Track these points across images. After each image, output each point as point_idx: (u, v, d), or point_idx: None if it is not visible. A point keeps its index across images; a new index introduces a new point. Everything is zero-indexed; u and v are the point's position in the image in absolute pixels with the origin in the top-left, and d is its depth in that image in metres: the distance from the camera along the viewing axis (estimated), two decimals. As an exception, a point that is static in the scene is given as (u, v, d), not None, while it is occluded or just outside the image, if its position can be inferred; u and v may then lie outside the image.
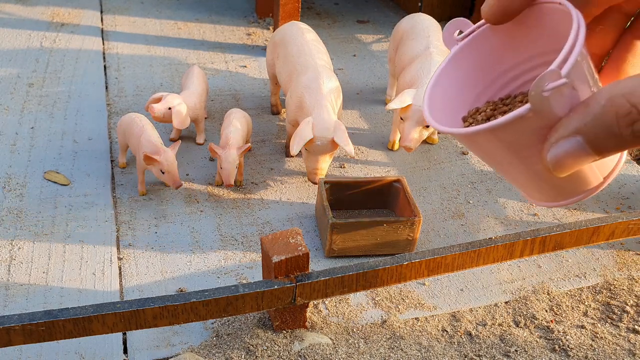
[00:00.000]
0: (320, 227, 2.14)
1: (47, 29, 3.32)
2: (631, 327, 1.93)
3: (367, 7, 3.82)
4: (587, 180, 0.51)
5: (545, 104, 0.43)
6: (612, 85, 0.42)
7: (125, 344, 1.79)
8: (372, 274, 1.63)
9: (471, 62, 0.57)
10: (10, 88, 2.85)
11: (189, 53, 3.20)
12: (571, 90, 0.44)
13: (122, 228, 2.16)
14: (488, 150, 0.51)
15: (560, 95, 0.43)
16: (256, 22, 3.53)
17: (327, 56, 2.48)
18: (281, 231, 1.69)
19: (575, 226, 1.78)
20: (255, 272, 2.02)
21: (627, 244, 2.24)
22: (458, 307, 1.97)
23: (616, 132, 0.41)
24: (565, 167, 0.45)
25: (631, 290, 2.05)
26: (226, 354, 1.75)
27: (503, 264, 2.12)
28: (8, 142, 2.53)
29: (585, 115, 0.43)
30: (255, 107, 2.81)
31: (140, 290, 1.94)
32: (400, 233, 2.03)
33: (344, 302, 1.95)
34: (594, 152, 0.43)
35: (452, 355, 1.81)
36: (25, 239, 2.08)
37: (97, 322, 1.45)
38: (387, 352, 1.80)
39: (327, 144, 2.16)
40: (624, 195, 2.47)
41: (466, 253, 1.69)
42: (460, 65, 0.57)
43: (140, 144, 2.17)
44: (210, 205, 2.28)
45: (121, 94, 2.87)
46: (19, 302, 1.87)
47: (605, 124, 0.42)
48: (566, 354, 1.83)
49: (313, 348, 1.76)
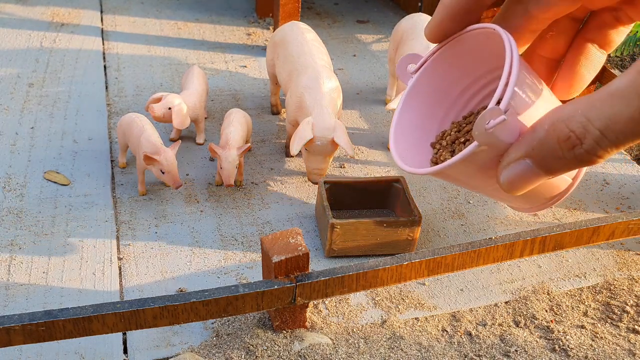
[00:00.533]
0: (320, 227, 2.14)
1: (47, 29, 3.32)
2: (631, 327, 1.93)
3: (367, 7, 3.82)
4: (555, 186, 0.54)
5: (491, 139, 0.46)
6: (555, 110, 0.45)
7: (125, 344, 1.79)
8: (372, 274, 1.63)
9: (430, 88, 0.60)
10: (10, 88, 2.85)
11: (189, 53, 3.20)
12: (515, 118, 0.47)
13: (122, 228, 2.16)
14: (455, 178, 0.54)
15: (504, 126, 0.46)
16: (256, 22, 3.53)
17: (327, 56, 2.48)
18: (281, 231, 1.69)
19: (575, 226, 1.78)
20: (255, 272, 2.02)
21: (627, 244, 2.24)
22: (458, 307, 1.97)
23: (560, 155, 0.44)
24: (518, 187, 0.48)
25: (631, 290, 2.05)
26: (226, 354, 1.75)
27: (503, 264, 2.12)
28: (8, 142, 2.53)
29: (532, 140, 0.46)
30: (255, 107, 2.81)
31: (140, 290, 1.94)
32: (400, 233, 2.03)
33: (344, 302, 1.95)
34: (544, 173, 0.46)
35: (452, 355, 1.81)
36: (25, 239, 2.08)
37: (97, 322, 1.45)
38: (387, 352, 1.80)
39: (327, 144, 2.16)
40: (624, 195, 2.47)
41: (466, 253, 1.69)
42: (420, 95, 0.60)
43: (140, 144, 2.17)
44: (210, 205, 2.28)
45: (121, 94, 2.87)
46: (19, 302, 1.88)
47: (549, 148, 0.44)
48: (566, 354, 1.83)
49: (313, 348, 1.76)
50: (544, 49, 0.57)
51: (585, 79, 0.56)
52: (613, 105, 0.41)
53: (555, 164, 0.45)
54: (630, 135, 0.41)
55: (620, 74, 0.42)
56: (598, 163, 0.44)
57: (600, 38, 0.55)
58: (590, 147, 0.43)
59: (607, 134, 0.41)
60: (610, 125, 0.41)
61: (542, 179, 0.47)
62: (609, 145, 0.42)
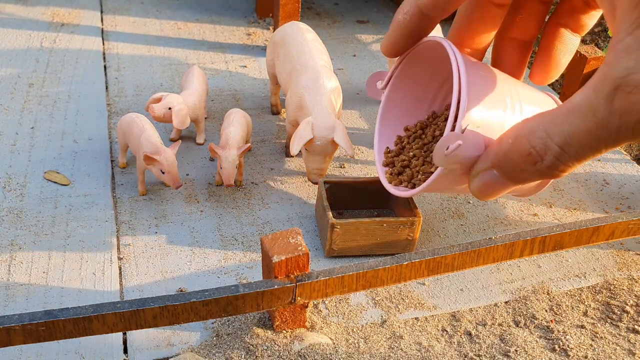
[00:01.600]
0: (320, 227, 2.14)
1: (47, 29, 3.32)
2: (631, 327, 1.93)
3: (367, 7, 3.82)
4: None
5: (453, 160, 0.49)
6: (520, 124, 0.46)
7: (125, 343, 1.79)
8: (372, 274, 1.63)
9: (402, 101, 0.62)
10: (10, 88, 2.85)
11: (189, 53, 3.20)
12: (475, 133, 0.48)
13: (122, 228, 2.16)
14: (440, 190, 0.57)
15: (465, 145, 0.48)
16: (256, 22, 3.53)
17: (327, 56, 2.48)
18: (281, 231, 1.69)
19: (575, 226, 1.78)
20: (255, 272, 2.02)
21: (627, 244, 2.24)
22: (458, 307, 1.97)
23: (524, 168, 0.46)
24: (489, 196, 0.50)
25: (631, 290, 2.05)
26: (226, 353, 1.75)
27: (503, 264, 2.12)
28: (8, 142, 2.53)
29: (497, 152, 0.48)
30: (255, 107, 2.82)
31: (140, 290, 1.94)
32: (400, 233, 2.03)
33: (344, 302, 1.96)
34: (511, 182, 0.48)
35: (452, 355, 1.81)
36: (25, 238, 2.09)
37: (97, 322, 1.45)
38: (387, 352, 1.80)
39: (327, 144, 2.16)
40: (624, 195, 2.47)
41: (466, 253, 1.69)
42: (394, 109, 0.62)
43: (140, 144, 2.17)
44: (210, 205, 2.28)
45: (121, 94, 2.87)
46: (19, 302, 1.88)
47: (513, 162, 0.46)
48: (566, 354, 1.83)
49: (313, 348, 1.77)
50: (514, 31, 0.58)
51: (561, 63, 0.57)
52: (571, 121, 0.42)
53: (521, 176, 0.47)
54: (589, 150, 0.42)
55: (578, 91, 0.43)
56: (562, 176, 0.46)
57: (572, 23, 0.56)
58: (550, 162, 0.44)
59: (567, 149, 0.43)
60: (568, 141, 0.42)
61: (510, 187, 0.49)
62: (570, 160, 0.43)
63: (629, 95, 0.39)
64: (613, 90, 0.39)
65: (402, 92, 0.61)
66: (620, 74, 0.39)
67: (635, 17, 0.39)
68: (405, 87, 0.60)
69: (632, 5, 0.39)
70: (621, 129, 0.40)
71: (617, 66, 0.39)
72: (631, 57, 0.39)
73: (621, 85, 0.39)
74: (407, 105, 0.62)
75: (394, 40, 0.56)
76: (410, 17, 0.54)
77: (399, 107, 0.61)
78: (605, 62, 0.41)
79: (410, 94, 0.61)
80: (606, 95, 0.39)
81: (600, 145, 0.42)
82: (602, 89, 0.40)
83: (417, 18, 0.54)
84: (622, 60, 0.39)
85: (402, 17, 0.55)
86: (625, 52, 0.39)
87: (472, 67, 0.51)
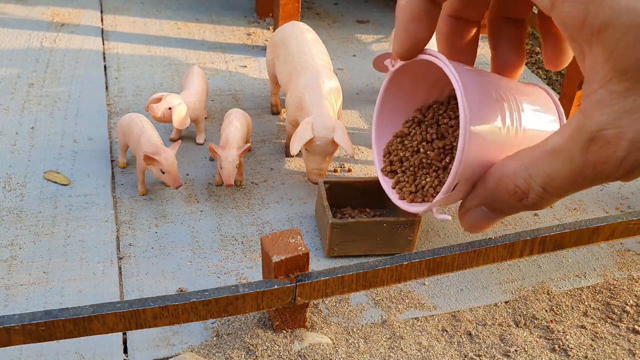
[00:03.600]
0: (320, 227, 2.14)
1: (47, 29, 3.32)
2: (631, 327, 1.93)
3: (367, 7, 3.82)
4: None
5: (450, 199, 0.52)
6: (501, 164, 0.49)
7: (125, 343, 1.79)
8: (372, 274, 1.63)
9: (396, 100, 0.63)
10: (10, 88, 2.85)
11: (189, 53, 3.20)
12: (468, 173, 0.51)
13: (122, 228, 2.16)
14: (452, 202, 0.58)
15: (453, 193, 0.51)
16: (256, 22, 3.53)
17: (327, 56, 2.48)
18: (281, 231, 1.69)
19: (575, 226, 1.78)
20: (255, 272, 2.02)
21: (627, 244, 2.24)
22: (458, 307, 1.97)
23: (510, 204, 0.48)
24: (479, 229, 0.53)
25: (631, 290, 2.05)
26: (226, 353, 1.75)
27: (503, 264, 2.12)
28: (8, 142, 2.53)
29: (484, 190, 0.50)
30: (255, 107, 2.81)
31: (140, 290, 1.94)
32: (400, 233, 2.03)
33: (344, 302, 1.95)
34: (500, 215, 0.51)
35: (452, 355, 1.81)
36: (25, 239, 2.09)
37: (97, 322, 1.45)
38: (387, 352, 1.80)
39: (327, 144, 2.16)
40: (624, 195, 2.47)
41: (466, 253, 1.69)
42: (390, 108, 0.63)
43: (140, 144, 2.17)
44: (210, 205, 2.28)
45: (121, 94, 2.87)
46: (19, 302, 1.88)
47: (499, 198, 0.49)
48: (566, 354, 1.83)
49: (313, 348, 1.77)
50: (507, 11, 0.58)
51: (569, 51, 0.58)
52: (551, 163, 0.44)
53: (508, 210, 0.50)
54: (571, 189, 0.44)
55: (557, 131, 0.44)
56: (547, 207, 0.48)
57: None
58: (535, 200, 0.46)
59: (548, 189, 0.45)
60: (549, 182, 0.44)
61: (499, 220, 0.52)
62: (552, 198, 0.45)
63: (601, 149, 0.40)
64: (587, 141, 0.41)
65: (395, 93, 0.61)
66: (594, 128, 0.40)
67: (607, 70, 0.39)
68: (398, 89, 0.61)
69: (603, 58, 0.39)
70: (595, 179, 0.42)
71: (591, 120, 0.40)
72: (603, 111, 0.40)
73: (594, 138, 0.40)
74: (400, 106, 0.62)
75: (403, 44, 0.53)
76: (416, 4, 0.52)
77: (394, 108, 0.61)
78: (581, 110, 0.42)
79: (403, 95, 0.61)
80: (581, 146, 0.41)
81: (578, 187, 0.44)
82: (578, 139, 0.41)
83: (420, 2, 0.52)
84: (595, 113, 0.40)
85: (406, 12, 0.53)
86: (599, 104, 0.40)
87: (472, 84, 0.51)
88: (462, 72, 0.52)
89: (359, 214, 2.22)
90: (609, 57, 0.39)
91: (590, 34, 0.40)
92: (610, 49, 0.39)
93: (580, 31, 0.40)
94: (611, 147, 0.40)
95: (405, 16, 0.53)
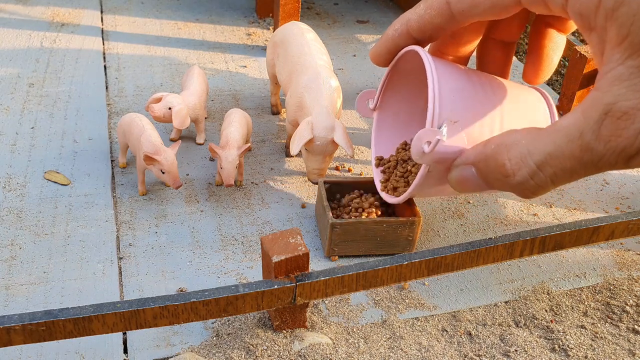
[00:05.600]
0: (320, 227, 2.14)
1: (47, 29, 3.32)
2: (631, 327, 1.93)
3: (367, 7, 3.82)
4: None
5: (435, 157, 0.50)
6: (506, 134, 0.48)
7: (125, 343, 1.79)
8: (372, 274, 1.63)
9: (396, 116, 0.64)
10: (10, 88, 2.85)
11: (189, 53, 3.20)
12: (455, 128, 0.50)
13: (122, 228, 2.16)
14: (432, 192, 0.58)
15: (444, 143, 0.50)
16: (256, 22, 3.53)
17: (327, 56, 2.48)
18: (281, 231, 1.69)
19: (575, 226, 1.78)
20: (255, 272, 2.02)
21: (627, 244, 2.24)
22: (458, 307, 1.97)
23: (496, 177, 0.47)
24: (464, 190, 0.52)
25: (631, 290, 2.05)
26: (226, 353, 1.75)
27: (503, 264, 2.12)
28: (8, 142, 2.53)
29: (481, 151, 0.49)
30: (255, 107, 2.82)
31: (140, 290, 1.94)
32: (400, 233, 2.03)
33: (344, 302, 1.96)
34: (484, 183, 0.50)
35: (452, 355, 1.81)
36: (25, 239, 2.09)
37: (97, 322, 1.45)
38: (387, 352, 1.80)
39: (327, 144, 2.16)
40: (624, 195, 2.47)
41: (466, 253, 1.69)
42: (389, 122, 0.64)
43: (140, 144, 2.17)
44: (210, 205, 2.28)
45: (121, 94, 2.87)
46: (19, 302, 1.88)
47: (490, 168, 0.48)
48: (566, 354, 1.83)
49: (313, 348, 1.77)
50: (497, 33, 0.59)
51: (553, 61, 0.59)
52: (555, 141, 0.42)
53: (494, 183, 0.48)
54: (567, 173, 0.43)
55: (567, 114, 0.43)
56: (531, 198, 0.47)
57: (558, 23, 0.57)
58: (522, 179, 0.45)
59: (543, 169, 0.43)
60: (548, 161, 0.43)
61: (482, 189, 0.50)
62: (544, 181, 0.44)
63: (618, 120, 0.39)
64: (602, 115, 0.40)
65: (393, 104, 0.62)
66: (611, 100, 0.40)
67: (624, 49, 0.40)
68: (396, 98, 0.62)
69: (619, 39, 0.40)
70: (605, 155, 0.41)
71: (609, 93, 0.40)
72: (622, 85, 0.39)
73: (611, 110, 0.39)
74: (400, 116, 0.63)
75: (379, 51, 0.59)
76: (398, 35, 0.56)
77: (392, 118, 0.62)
78: (595, 88, 0.41)
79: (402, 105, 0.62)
80: (595, 119, 0.40)
81: (580, 169, 0.42)
82: (592, 114, 0.41)
83: (404, 38, 0.55)
84: (613, 87, 0.40)
85: (392, 32, 0.57)
86: (617, 79, 0.40)
87: (446, 67, 0.52)
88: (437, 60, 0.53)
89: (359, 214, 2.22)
90: (626, 34, 0.39)
91: (604, 16, 0.40)
92: (626, 26, 0.39)
93: (596, 16, 0.41)
94: (628, 118, 0.39)
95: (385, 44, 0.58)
